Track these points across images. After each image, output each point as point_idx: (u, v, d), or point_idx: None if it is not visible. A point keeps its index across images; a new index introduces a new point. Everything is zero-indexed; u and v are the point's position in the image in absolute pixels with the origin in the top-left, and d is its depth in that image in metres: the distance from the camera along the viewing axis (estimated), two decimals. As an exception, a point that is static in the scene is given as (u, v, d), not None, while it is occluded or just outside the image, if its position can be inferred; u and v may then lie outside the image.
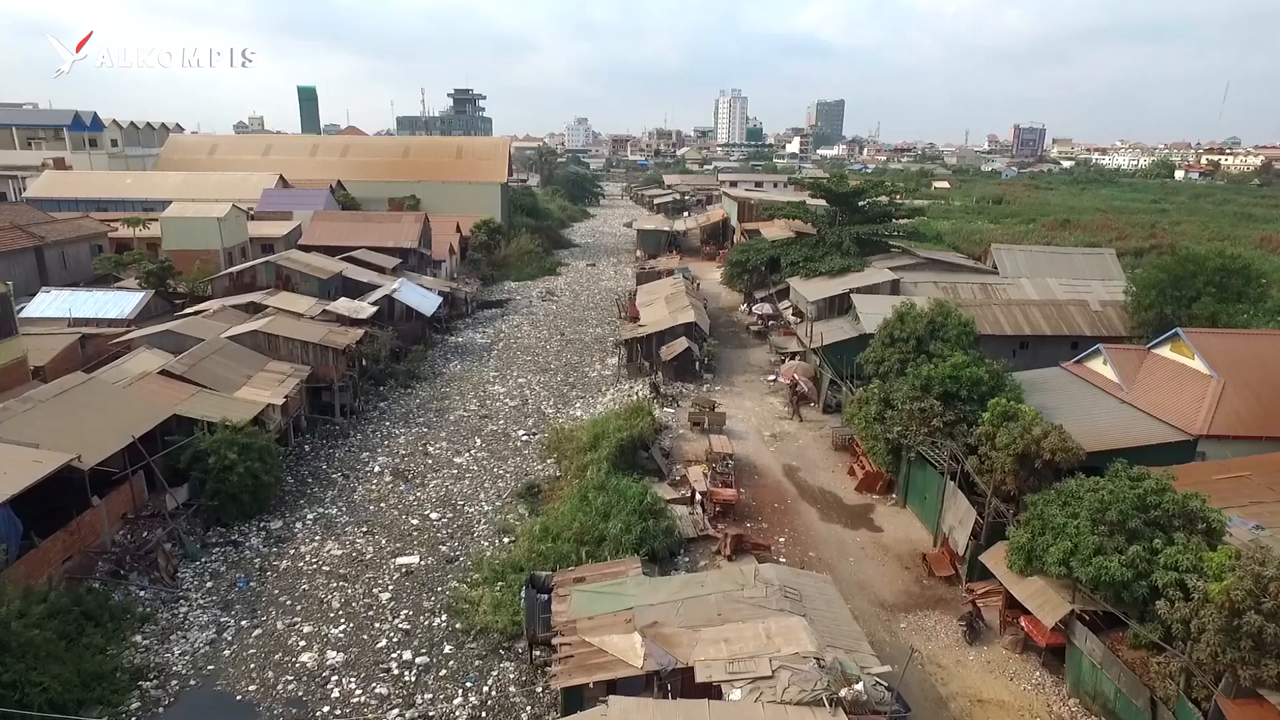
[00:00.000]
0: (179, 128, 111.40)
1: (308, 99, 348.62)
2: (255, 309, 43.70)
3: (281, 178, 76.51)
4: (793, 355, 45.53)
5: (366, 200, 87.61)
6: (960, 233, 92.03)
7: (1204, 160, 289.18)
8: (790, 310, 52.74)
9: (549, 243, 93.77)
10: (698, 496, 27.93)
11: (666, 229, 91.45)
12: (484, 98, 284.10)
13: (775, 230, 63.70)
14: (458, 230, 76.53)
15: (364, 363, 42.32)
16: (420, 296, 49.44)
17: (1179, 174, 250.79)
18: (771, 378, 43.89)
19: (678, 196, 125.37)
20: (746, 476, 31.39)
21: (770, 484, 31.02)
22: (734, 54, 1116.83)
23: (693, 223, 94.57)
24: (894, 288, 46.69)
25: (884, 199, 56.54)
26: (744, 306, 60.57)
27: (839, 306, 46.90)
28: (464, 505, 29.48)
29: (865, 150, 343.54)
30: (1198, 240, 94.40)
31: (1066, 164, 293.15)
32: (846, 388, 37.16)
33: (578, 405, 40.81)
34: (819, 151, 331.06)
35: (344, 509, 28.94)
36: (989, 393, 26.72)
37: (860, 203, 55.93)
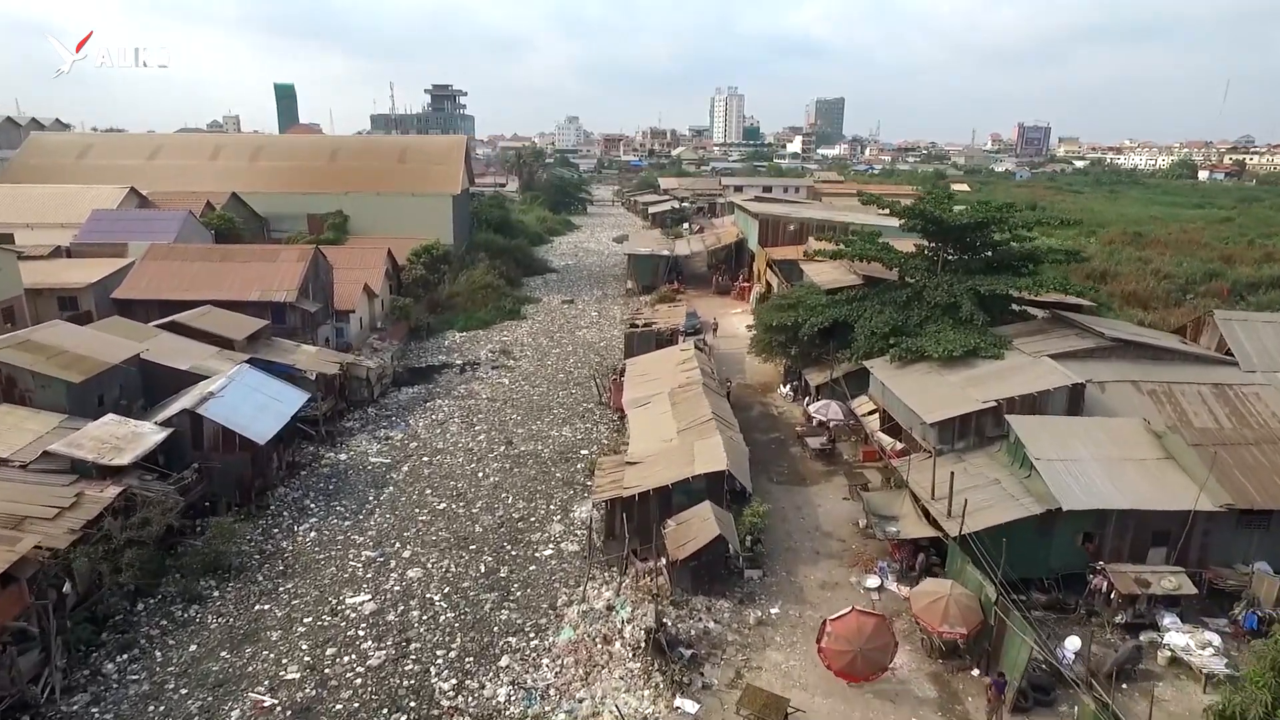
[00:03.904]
0: (61, 123, 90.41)
1: (285, 97, 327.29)
2: (-79, 450, 23.57)
3: (134, 191, 55.63)
4: (917, 549, 24.32)
5: (278, 217, 67.51)
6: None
7: (1227, 160, 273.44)
8: (874, 415, 32.44)
9: (517, 269, 73.55)
10: None
11: (665, 252, 71.23)
12: (464, 94, 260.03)
13: (827, 272, 43.31)
14: (389, 257, 56.23)
15: (90, 577, 21.92)
16: (255, 407, 28.99)
17: (1202, 174, 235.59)
18: (874, 587, 23.40)
19: (676, 204, 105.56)
20: None
21: None
22: (729, 53, 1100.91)
23: (698, 244, 74.28)
24: (1074, 397, 26.66)
25: (1011, 234, 35.60)
26: (785, 389, 40.49)
27: (976, 428, 26.90)
28: None
29: (867, 150, 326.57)
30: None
31: (1079, 164, 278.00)
32: (1090, 686, 16.70)
33: (504, 662, 20.70)
34: (820, 151, 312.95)
35: None
36: None
37: (973, 237, 35.42)
